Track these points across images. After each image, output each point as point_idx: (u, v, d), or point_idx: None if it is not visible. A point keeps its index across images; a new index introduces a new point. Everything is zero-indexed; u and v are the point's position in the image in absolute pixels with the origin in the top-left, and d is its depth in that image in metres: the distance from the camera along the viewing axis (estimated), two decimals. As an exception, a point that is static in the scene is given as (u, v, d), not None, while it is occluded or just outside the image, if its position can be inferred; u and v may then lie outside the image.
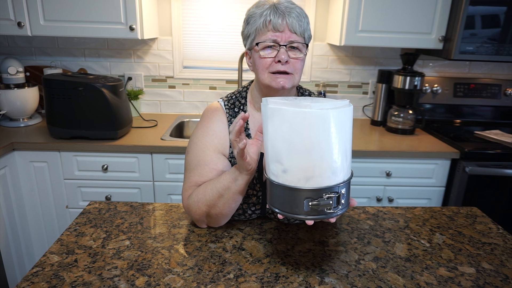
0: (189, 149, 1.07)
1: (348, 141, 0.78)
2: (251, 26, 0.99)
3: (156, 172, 1.88)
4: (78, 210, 1.92)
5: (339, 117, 0.75)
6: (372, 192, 1.96)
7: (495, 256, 0.97)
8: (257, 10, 0.98)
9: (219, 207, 0.97)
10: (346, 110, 0.77)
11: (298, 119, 0.74)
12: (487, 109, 2.38)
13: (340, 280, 0.86)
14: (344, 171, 0.78)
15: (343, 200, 0.78)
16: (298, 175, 0.76)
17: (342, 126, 0.76)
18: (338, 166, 0.76)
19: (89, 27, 1.91)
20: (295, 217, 0.78)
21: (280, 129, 0.76)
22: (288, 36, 0.96)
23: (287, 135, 0.76)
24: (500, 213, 1.95)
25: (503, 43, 1.93)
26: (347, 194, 0.80)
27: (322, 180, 0.76)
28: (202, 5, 2.23)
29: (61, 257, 0.91)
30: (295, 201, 0.77)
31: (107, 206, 1.16)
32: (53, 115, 1.80)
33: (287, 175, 0.77)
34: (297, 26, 0.96)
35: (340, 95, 2.42)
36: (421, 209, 1.22)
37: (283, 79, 0.97)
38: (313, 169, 0.75)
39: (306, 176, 0.76)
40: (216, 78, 2.36)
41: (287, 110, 0.74)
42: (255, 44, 0.98)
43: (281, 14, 0.95)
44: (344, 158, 0.77)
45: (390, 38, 1.99)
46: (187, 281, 0.83)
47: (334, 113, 0.74)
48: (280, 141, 0.77)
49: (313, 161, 0.75)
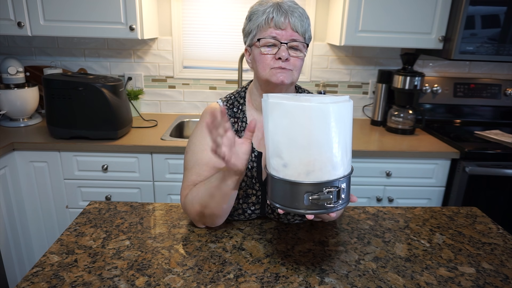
0: (188, 149, 1.08)
1: (348, 136, 0.79)
2: (253, 22, 1.00)
3: (156, 172, 1.88)
4: (78, 210, 1.92)
5: (339, 111, 0.75)
6: (372, 192, 1.96)
7: (495, 256, 0.97)
8: (260, 8, 0.99)
9: (211, 207, 0.97)
10: (346, 105, 0.77)
11: (298, 113, 0.74)
12: (487, 109, 2.38)
13: (340, 280, 0.86)
14: (344, 166, 0.78)
15: (343, 194, 0.78)
16: (298, 169, 0.76)
17: (342, 121, 0.76)
18: (338, 161, 0.76)
19: (89, 27, 1.91)
20: (295, 211, 0.78)
21: (280, 123, 0.77)
22: (290, 34, 0.97)
23: (287, 129, 0.76)
24: (500, 213, 1.95)
25: (503, 43, 1.93)
26: (347, 189, 0.79)
27: (322, 174, 0.76)
28: (202, 5, 2.23)
29: (61, 257, 0.91)
30: (296, 196, 0.77)
31: (107, 206, 1.16)
32: (53, 115, 1.80)
33: (287, 169, 0.77)
34: (299, 25, 0.97)
35: (340, 95, 2.41)
36: (421, 209, 1.22)
37: (283, 74, 0.97)
38: (313, 163, 0.75)
39: (307, 170, 0.76)
40: (216, 78, 2.36)
41: (287, 104, 0.75)
42: (256, 40, 0.99)
43: (284, 13, 0.96)
44: (344, 152, 0.77)
45: (390, 38, 2.00)
46: (187, 281, 0.83)
47: (334, 107, 0.74)
48: (280, 135, 0.77)
49: (313, 155, 0.75)
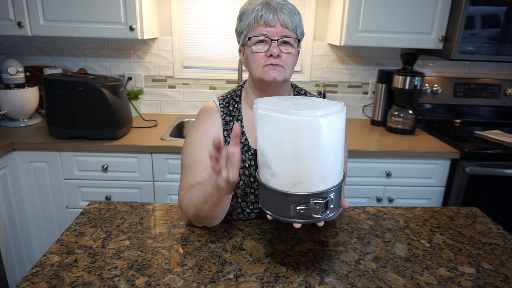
0: (184, 148, 1.09)
1: (339, 147, 0.77)
2: (243, 22, 1.00)
3: (156, 172, 1.88)
4: (78, 210, 1.92)
5: (329, 124, 0.73)
6: (372, 192, 1.96)
7: (495, 256, 0.97)
8: (249, 7, 0.99)
9: (206, 211, 0.96)
10: (337, 117, 0.74)
11: (285, 126, 0.72)
12: (487, 109, 2.38)
13: (340, 280, 0.86)
14: (334, 177, 0.77)
15: (332, 204, 0.78)
16: (286, 179, 0.76)
17: (332, 133, 0.74)
18: (327, 172, 0.75)
19: (89, 27, 1.91)
20: (283, 219, 0.78)
21: (268, 134, 0.76)
22: (280, 31, 0.97)
23: (276, 141, 0.75)
24: (500, 213, 1.95)
25: (503, 43, 1.93)
26: (337, 198, 0.79)
27: (310, 185, 0.75)
28: (202, 5, 2.23)
29: (61, 257, 0.91)
30: (283, 205, 0.77)
31: (107, 206, 1.16)
32: (53, 115, 1.80)
33: (275, 179, 0.77)
34: (288, 21, 0.97)
35: (340, 95, 2.42)
36: (421, 209, 1.22)
37: (275, 71, 0.97)
38: (301, 174, 0.74)
39: (294, 181, 0.75)
40: (216, 78, 2.36)
41: (276, 117, 0.73)
42: (247, 39, 0.99)
43: (272, 10, 0.96)
44: (335, 163, 0.76)
45: (390, 38, 2.00)
46: (187, 281, 0.83)
47: (324, 121, 0.72)
48: (268, 146, 0.76)
49: (301, 167, 0.74)
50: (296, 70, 2.37)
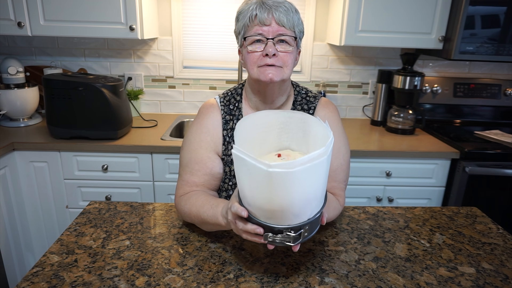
0: (183, 146, 1.09)
1: (320, 188, 0.73)
2: (240, 22, 1.00)
3: (156, 172, 1.88)
4: (78, 210, 1.92)
5: (306, 173, 0.68)
6: (372, 192, 1.96)
7: (495, 256, 0.97)
8: (245, 7, 0.99)
9: (203, 227, 1.00)
10: (317, 165, 0.68)
11: (258, 173, 0.69)
12: (487, 109, 2.38)
13: (340, 280, 0.86)
14: (308, 213, 0.75)
15: (306, 233, 0.76)
16: (259, 213, 0.75)
17: (309, 181, 0.69)
18: (301, 211, 0.73)
19: (89, 27, 1.91)
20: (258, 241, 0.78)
21: (241, 175, 0.74)
22: (275, 29, 0.96)
23: (248, 182, 0.73)
24: (500, 213, 1.95)
25: (503, 43, 1.93)
26: (312, 226, 0.77)
27: (283, 221, 0.74)
28: (202, 5, 2.23)
29: (61, 257, 0.91)
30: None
31: (107, 206, 1.16)
32: (53, 115, 1.80)
33: (251, 208, 0.76)
34: (284, 19, 0.95)
35: (340, 95, 2.42)
36: (421, 209, 1.22)
37: (271, 71, 0.96)
38: (274, 213, 0.73)
39: (267, 217, 0.75)
40: (216, 78, 2.36)
41: (249, 162, 0.69)
42: (243, 39, 0.99)
43: (267, 9, 0.95)
44: (313, 202, 0.74)
45: (390, 38, 1.99)
46: (187, 281, 0.83)
47: (299, 171, 0.66)
48: (243, 183, 0.75)
49: (273, 208, 0.72)
50: (296, 70, 2.36)
